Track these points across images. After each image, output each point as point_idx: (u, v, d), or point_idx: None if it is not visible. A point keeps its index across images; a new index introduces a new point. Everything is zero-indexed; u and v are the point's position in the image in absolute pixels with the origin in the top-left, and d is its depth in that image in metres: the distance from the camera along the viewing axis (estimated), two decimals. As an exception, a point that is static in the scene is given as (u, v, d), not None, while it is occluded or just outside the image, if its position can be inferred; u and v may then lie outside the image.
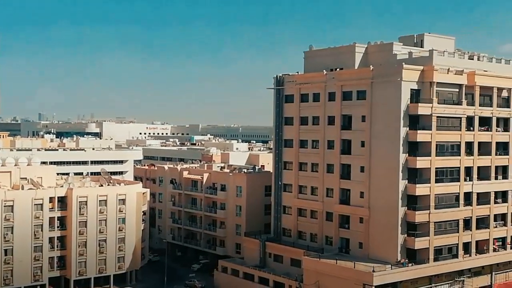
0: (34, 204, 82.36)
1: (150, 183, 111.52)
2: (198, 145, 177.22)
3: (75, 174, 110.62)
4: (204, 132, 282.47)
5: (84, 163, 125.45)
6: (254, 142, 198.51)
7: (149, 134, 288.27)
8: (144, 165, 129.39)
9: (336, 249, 78.35)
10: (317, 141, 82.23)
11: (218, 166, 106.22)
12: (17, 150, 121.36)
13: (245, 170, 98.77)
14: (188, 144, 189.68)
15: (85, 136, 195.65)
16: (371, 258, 73.48)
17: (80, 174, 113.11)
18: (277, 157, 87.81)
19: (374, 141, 74.66)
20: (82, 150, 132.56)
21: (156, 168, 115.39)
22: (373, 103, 74.64)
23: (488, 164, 79.05)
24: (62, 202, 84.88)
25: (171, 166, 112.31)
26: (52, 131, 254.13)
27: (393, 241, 72.53)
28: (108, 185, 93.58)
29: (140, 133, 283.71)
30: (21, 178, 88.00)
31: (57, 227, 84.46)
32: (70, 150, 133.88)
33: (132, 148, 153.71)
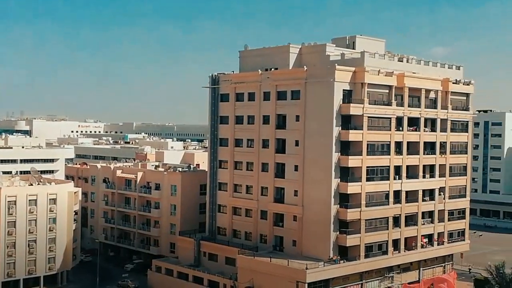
0: (-41, 204, 79.16)
1: (82, 182, 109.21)
2: (132, 143, 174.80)
3: (4, 173, 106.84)
4: (138, 131, 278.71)
5: (13, 161, 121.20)
6: (189, 141, 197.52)
7: (82, 132, 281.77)
8: (76, 164, 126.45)
9: (271, 247, 79.14)
10: (252, 140, 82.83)
11: (152, 165, 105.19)
12: None
13: (180, 169, 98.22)
14: (122, 142, 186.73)
15: (14, 134, 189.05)
16: (304, 255, 74.65)
17: (9, 173, 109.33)
18: (212, 156, 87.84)
19: (308, 140, 75.86)
20: (10, 148, 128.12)
21: (88, 167, 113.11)
22: (307, 103, 75.82)
23: (416, 163, 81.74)
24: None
25: (104, 165, 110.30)
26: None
27: (326, 238, 73.92)
28: (38, 184, 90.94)
29: (72, 131, 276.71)
30: None
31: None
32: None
33: (63, 147, 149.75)
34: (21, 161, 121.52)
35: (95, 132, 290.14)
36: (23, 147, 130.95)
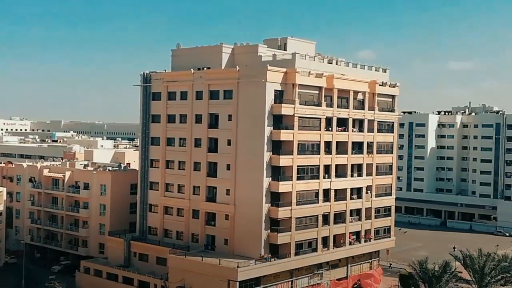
0: None
1: (7, 182, 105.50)
2: (60, 142, 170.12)
3: None
4: (66, 129, 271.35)
5: None
6: (120, 139, 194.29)
7: (7, 130, 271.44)
8: (1, 163, 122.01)
9: (202, 247, 79.24)
10: (185, 139, 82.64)
11: (81, 164, 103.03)
12: None
13: (110, 168, 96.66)
14: (49, 141, 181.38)
15: None
16: (236, 254, 75.18)
17: None
18: (143, 155, 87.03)
19: (240, 139, 76.45)
20: None
21: (13, 166, 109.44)
22: (239, 102, 76.40)
23: (344, 162, 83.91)
24: None
25: (30, 163, 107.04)
26: None
27: (257, 237, 74.71)
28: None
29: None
30: None
31: None
32: None
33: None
34: None
35: (21, 130, 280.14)
36: None
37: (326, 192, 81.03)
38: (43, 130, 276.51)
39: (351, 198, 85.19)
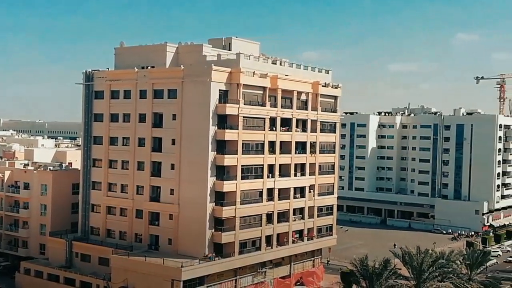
0: None
1: None
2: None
3: None
4: (6, 128, 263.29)
5: None
6: (62, 138, 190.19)
7: None
8: None
9: (146, 246, 78.77)
10: (128, 139, 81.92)
11: (21, 164, 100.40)
12: None
13: (51, 168, 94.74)
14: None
15: None
16: (180, 253, 75.08)
17: None
18: (85, 154, 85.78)
19: (184, 139, 76.40)
20: None
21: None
22: (183, 102, 76.34)
23: (288, 162, 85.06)
24: None
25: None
26: None
27: (201, 236, 74.86)
28: None
29: None
30: None
31: None
32: None
33: None
34: None
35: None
36: None
37: (270, 191, 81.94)
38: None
39: (295, 197, 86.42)
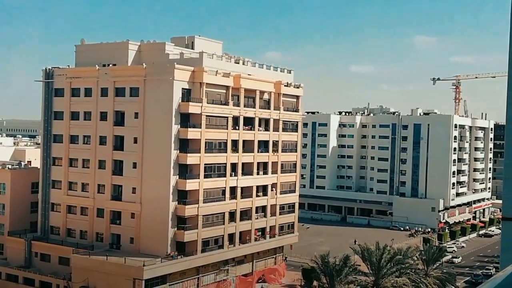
0: None
1: None
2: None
3: None
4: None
5: None
6: (20, 136, 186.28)
7: None
8: None
9: (107, 246, 78.22)
10: (89, 137, 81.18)
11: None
12: None
13: (10, 166, 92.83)
14: None
15: None
16: (142, 252, 74.84)
17: None
18: (45, 152, 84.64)
19: (146, 137, 76.15)
20: None
21: None
22: (146, 100, 76.07)
23: (251, 160, 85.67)
24: None
25: None
26: None
27: (164, 235, 74.81)
28: None
29: None
30: None
31: None
32: None
33: None
34: None
35: None
36: None
37: (233, 189, 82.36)
38: None
39: (257, 196, 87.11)
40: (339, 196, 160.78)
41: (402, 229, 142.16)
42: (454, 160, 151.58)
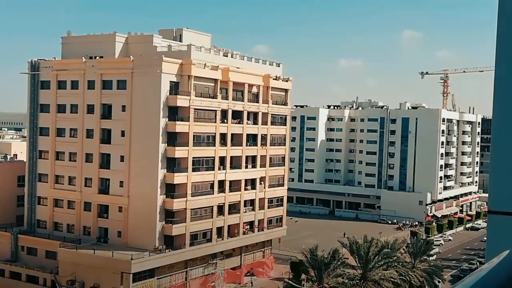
0: None
1: None
2: None
3: None
4: None
5: None
6: (6, 129, 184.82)
7: None
8: None
9: (95, 239, 77.71)
10: (76, 130, 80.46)
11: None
12: None
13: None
14: None
15: None
16: (130, 246, 74.39)
17: None
18: (31, 145, 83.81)
19: (134, 131, 75.58)
20: None
21: None
22: (133, 93, 75.45)
23: (239, 154, 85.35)
24: None
25: None
26: None
27: (152, 228, 74.43)
28: None
29: None
30: None
31: None
32: None
33: None
34: None
35: None
36: None
37: (221, 183, 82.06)
38: None
39: (246, 189, 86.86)
40: (328, 189, 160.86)
41: (390, 222, 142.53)
42: (442, 154, 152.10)
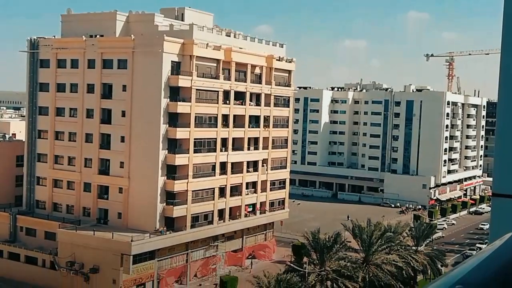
0: None
1: None
2: None
3: None
4: None
5: None
6: (5, 108, 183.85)
7: None
8: None
9: (94, 220, 76.95)
10: (75, 109, 79.29)
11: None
12: None
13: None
14: None
15: None
16: (130, 228, 73.61)
17: None
18: (30, 125, 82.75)
19: (135, 111, 74.40)
20: None
21: None
22: (134, 72, 74.13)
23: (241, 135, 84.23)
24: None
25: None
26: None
27: (152, 210, 73.58)
28: None
29: None
30: None
31: None
32: None
33: None
34: None
35: None
36: None
37: (223, 165, 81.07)
38: None
39: (247, 171, 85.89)
40: (330, 172, 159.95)
41: (393, 205, 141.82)
42: (446, 137, 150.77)
